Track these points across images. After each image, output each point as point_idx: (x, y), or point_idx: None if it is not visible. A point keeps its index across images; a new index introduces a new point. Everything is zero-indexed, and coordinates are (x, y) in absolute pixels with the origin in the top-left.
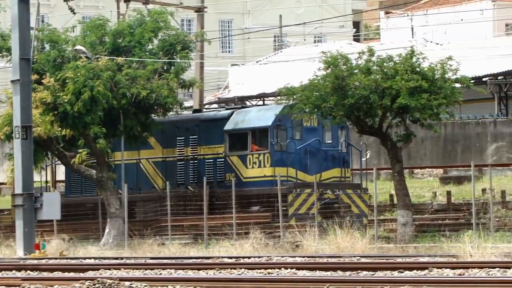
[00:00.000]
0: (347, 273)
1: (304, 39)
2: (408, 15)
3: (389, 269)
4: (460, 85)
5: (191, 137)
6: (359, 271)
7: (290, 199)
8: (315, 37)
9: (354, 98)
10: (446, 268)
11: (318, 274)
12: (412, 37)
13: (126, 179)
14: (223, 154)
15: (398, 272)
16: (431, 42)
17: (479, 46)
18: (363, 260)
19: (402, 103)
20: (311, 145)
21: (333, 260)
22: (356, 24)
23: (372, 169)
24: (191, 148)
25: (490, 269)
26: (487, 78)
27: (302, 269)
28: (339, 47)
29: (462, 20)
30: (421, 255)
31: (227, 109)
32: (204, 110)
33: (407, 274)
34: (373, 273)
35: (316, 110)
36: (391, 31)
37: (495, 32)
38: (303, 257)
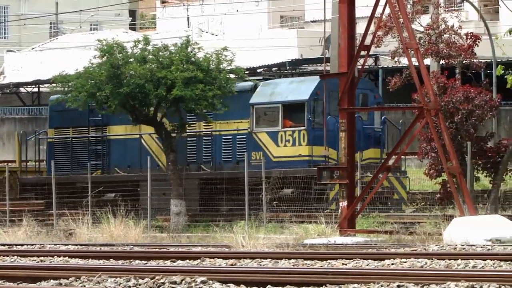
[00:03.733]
0: (120, 261)
1: (80, 27)
2: (184, 5)
3: (162, 258)
4: (234, 76)
5: (204, 110)
6: (131, 260)
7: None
8: (91, 24)
9: (129, 87)
10: (218, 258)
11: (91, 262)
12: (188, 27)
13: (127, 155)
14: (248, 130)
15: (171, 261)
16: (206, 32)
17: (254, 38)
18: (136, 249)
19: (177, 94)
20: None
21: (106, 248)
22: (132, 13)
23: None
24: (204, 123)
25: (262, 260)
26: (261, 70)
27: (75, 257)
28: (115, 35)
29: (237, 11)
30: (194, 244)
31: (249, 80)
32: None
33: (180, 263)
34: (146, 262)
35: (90, 98)
36: (167, 20)
37: (270, 24)
38: (76, 245)
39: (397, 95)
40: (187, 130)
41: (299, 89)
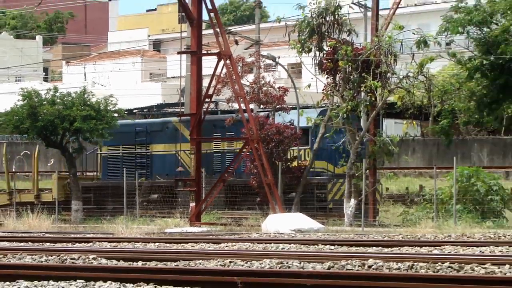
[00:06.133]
0: (35, 244)
1: (8, 79)
2: (82, 64)
3: (65, 242)
4: (118, 114)
5: (227, 133)
6: (43, 243)
7: (329, 187)
8: (16, 77)
9: (43, 122)
10: (105, 241)
11: (15, 244)
12: (85, 80)
13: (165, 166)
14: None
15: (71, 244)
16: (98, 84)
17: (132, 88)
18: (48, 235)
19: (77, 126)
20: (342, 144)
21: (26, 235)
22: (45, 69)
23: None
24: (227, 142)
25: (135, 243)
26: (136, 110)
27: (3, 240)
28: (33, 85)
29: (120, 69)
30: (88, 232)
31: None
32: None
33: (78, 245)
34: (54, 244)
35: (15, 129)
36: (70, 75)
37: (142, 78)
38: (4, 232)
39: None
40: (214, 147)
41: (304, 118)
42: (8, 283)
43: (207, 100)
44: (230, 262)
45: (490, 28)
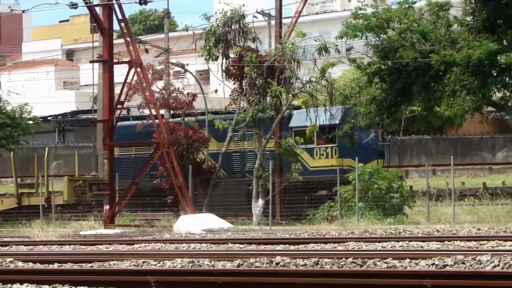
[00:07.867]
0: None
1: None
2: None
3: None
4: (32, 122)
5: (247, 132)
6: None
7: None
8: None
9: None
10: (21, 245)
11: None
12: (0, 89)
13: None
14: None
15: None
16: (13, 93)
17: (46, 96)
18: None
19: None
20: (370, 141)
21: None
22: None
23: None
24: (247, 142)
25: (51, 245)
26: (51, 117)
27: None
28: None
29: (34, 78)
30: (5, 236)
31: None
32: None
33: None
34: None
35: None
36: None
37: (57, 87)
38: None
39: None
40: (232, 147)
41: (330, 115)
42: None
43: (119, 106)
44: (144, 262)
45: (386, 34)
